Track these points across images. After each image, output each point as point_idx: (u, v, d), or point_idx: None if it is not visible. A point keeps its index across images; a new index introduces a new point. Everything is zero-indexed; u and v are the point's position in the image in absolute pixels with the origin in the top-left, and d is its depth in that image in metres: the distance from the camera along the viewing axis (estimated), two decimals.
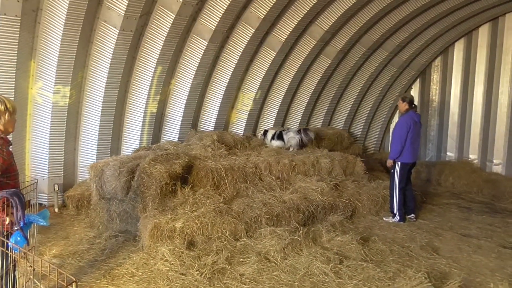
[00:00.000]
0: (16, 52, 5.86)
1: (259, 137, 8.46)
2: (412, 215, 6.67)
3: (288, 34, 7.83)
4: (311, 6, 7.45)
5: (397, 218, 6.50)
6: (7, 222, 3.03)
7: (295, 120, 9.51)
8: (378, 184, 7.31)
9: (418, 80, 10.80)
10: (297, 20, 7.66)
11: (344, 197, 6.60)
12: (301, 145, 8.05)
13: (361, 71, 9.81)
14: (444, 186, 9.24)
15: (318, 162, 7.23)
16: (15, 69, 5.97)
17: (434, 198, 8.11)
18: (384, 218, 6.59)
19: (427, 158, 10.73)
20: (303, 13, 7.56)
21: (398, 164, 6.52)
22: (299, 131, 8.16)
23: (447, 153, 10.34)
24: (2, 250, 2.88)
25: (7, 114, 3.23)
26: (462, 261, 5.13)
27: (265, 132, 8.39)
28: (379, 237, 5.71)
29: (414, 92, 10.82)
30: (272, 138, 8.13)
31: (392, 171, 6.61)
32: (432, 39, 9.59)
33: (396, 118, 11.22)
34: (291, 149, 7.95)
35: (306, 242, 5.16)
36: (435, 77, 10.47)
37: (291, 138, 8.00)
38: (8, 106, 3.24)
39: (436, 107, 10.53)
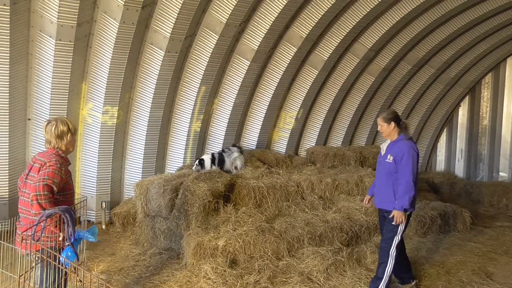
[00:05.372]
0: (69, 75, 6.18)
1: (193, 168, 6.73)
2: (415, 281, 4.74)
3: (330, 52, 7.81)
4: (354, 24, 7.41)
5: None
6: (60, 238, 3.14)
7: (338, 138, 9.38)
8: (425, 204, 7.05)
9: (467, 97, 10.42)
10: (340, 38, 7.63)
11: None
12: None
13: (406, 88, 9.58)
14: (497, 207, 8.77)
15: (362, 181, 7.06)
16: (68, 91, 6.29)
17: (486, 220, 7.69)
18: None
19: (477, 178, 10.25)
20: (346, 31, 7.53)
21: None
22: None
23: (500, 173, 9.85)
24: (54, 265, 2.99)
25: (69, 135, 3.39)
26: None
27: (201, 161, 6.73)
28: (427, 260, 5.49)
29: (463, 109, 10.46)
30: (213, 163, 6.76)
31: (398, 223, 4.28)
32: (482, 55, 9.26)
33: (444, 138, 10.85)
34: (235, 170, 6.95)
35: (350, 263, 5.04)
36: (486, 94, 10.08)
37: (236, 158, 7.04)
38: (71, 127, 3.41)
39: (487, 125, 10.11)
